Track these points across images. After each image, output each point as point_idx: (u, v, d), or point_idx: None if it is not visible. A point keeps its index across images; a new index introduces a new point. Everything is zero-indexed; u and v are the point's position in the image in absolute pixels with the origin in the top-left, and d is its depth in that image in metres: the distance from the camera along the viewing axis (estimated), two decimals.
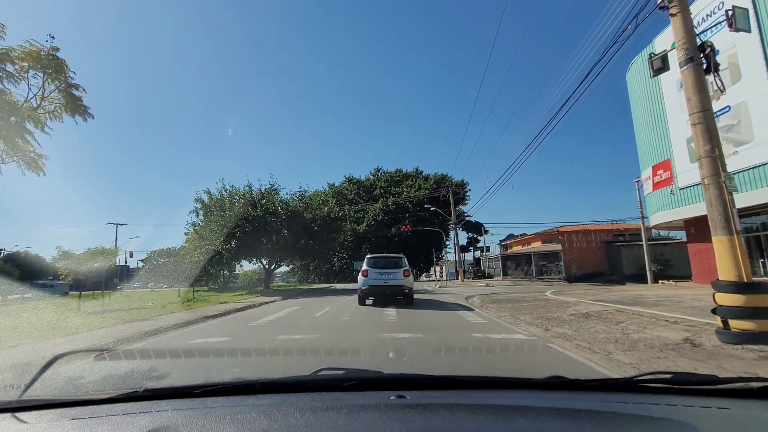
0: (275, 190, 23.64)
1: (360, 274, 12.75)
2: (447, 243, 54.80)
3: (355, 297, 13.32)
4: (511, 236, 55.39)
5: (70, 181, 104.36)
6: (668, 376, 1.43)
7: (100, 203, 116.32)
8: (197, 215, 23.73)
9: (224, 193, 23.28)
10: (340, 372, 1.64)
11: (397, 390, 1.41)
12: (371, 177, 61.60)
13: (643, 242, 31.28)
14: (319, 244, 24.27)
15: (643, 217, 31.69)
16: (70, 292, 29.32)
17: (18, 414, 1.27)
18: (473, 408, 1.28)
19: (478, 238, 61.27)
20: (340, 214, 25.35)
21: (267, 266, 25.82)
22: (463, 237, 56.64)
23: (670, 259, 33.50)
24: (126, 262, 55.24)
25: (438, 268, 37.13)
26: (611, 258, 36.39)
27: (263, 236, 21.33)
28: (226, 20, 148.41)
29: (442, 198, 41.44)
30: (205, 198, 23.49)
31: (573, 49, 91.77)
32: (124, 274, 51.23)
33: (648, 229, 32.20)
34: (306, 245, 23.72)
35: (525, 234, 51.11)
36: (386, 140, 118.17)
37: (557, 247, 36.58)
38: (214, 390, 1.43)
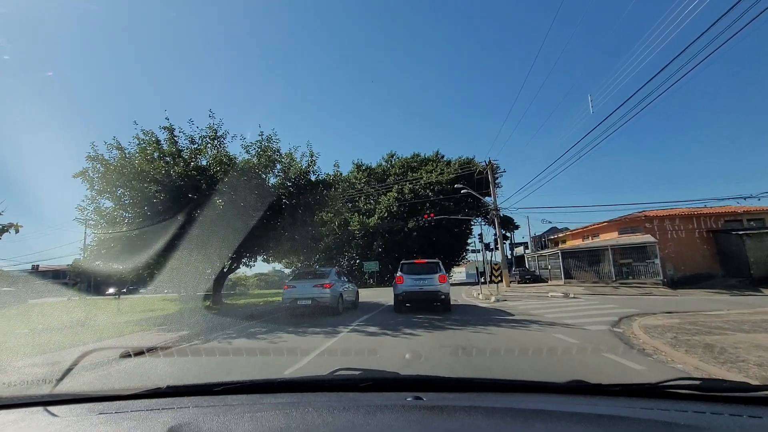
0: (220, 137, 13.74)
1: (395, 280, 12.05)
2: (472, 236, 45.08)
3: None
4: (554, 229, 45.34)
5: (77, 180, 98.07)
6: (697, 382, 1.31)
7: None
8: (91, 184, 13.61)
9: (140, 145, 13.19)
10: (357, 372, 1.62)
11: (414, 391, 1.37)
12: (384, 163, 51.85)
13: None
14: (291, 226, 13.61)
15: None
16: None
17: (49, 407, 1.32)
18: (491, 411, 1.21)
19: (507, 234, 51.22)
20: (330, 177, 14.76)
21: (222, 268, 16.01)
22: (490, 233, 46.41)
23: None
24: None
25: (485, 269, 25.17)
26: (724, 253, 25.52)
27: (180, 212, 11.55)
28: (239, 20, 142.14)
29: (477, 176, 31.34)
30: (106, 154, 13.53)
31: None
32: None
33: None
34: (266, 229, 13.09)
35: (567, 228, 40.70)
36: (402, 136, 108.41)
37: (647, 238, 25.91)
38: (234, 388, 1.45)
